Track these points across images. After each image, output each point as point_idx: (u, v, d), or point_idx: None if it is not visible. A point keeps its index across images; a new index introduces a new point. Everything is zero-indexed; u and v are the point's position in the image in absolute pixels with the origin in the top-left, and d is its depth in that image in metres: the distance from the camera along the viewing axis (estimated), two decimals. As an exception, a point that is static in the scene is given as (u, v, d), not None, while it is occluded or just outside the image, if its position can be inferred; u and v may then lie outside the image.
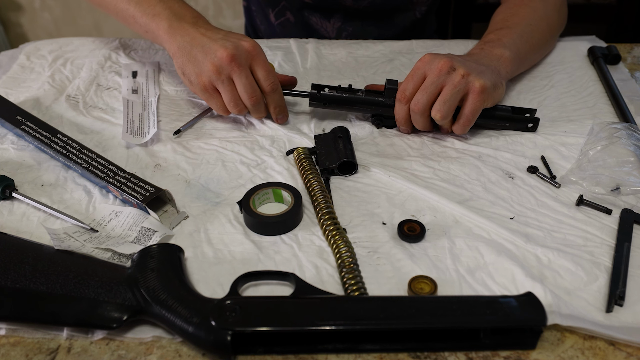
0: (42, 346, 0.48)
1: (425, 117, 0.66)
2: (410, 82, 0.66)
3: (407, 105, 0.67)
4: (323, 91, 0.70)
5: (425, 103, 0.65)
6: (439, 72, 0.64)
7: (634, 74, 0.83)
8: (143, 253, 0.51)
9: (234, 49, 0.65)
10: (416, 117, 0.67)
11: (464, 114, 0.65)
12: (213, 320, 0.45)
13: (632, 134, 0.66)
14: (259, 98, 0.68)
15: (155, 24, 0.71)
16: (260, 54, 0.67)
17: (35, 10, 1.96)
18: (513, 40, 0.75)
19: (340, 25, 0.97)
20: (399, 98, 0.67)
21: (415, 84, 0.66)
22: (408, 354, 0.47)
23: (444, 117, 0.64)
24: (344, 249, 0.53)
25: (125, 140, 0.70)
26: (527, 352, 0.46)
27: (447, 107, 0.64)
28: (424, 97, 0.65)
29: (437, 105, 0.64)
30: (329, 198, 0.60)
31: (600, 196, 0.60)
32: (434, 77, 0.64)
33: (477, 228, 0.57)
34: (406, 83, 0.67)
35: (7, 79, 0.84)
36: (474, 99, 0.64)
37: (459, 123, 0.66)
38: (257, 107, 0.69)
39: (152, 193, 0.59)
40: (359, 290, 0.50)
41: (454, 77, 0.63)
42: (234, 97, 0.67)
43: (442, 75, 0.64)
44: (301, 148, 0.66)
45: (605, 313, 0.49)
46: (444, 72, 0.64)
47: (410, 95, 0.66)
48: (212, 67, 0.65)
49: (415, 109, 0.65)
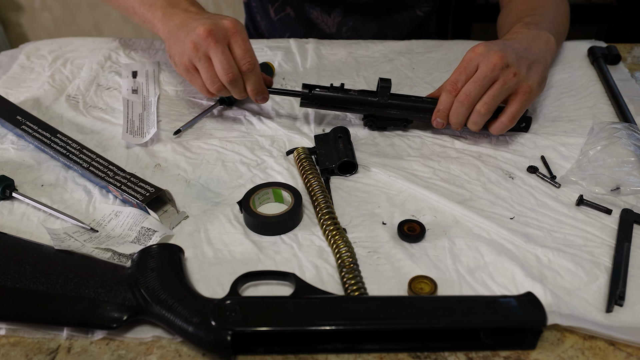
0: (42, 346, 0.48)
1: (468, 111, 0.64)
2: (462, 73, 0.64)
3: (455, 96, 0.65)
4: (314, 91, 0.69)
5: (475, 95, 0.63)
6: (493, 67, 0.62)
7: (634, 74, 0.83)
8: (143, 253, 0.51)
9: (211, 25, 0.64)
10: (461, 110, 0.64)
11: (509, 112, 0.64)
12: (213, 320, 0.45)
13: (632, 134, 0.66)
14: (235, 75, 0.65)
15: (150, 14, 0.72)
16: (239, 32, 0.65)
17: (35, 10, 1.96)
18: (550, 23, 0.74)
19: (340, 19, 0.97)
20: (449, 89, 0.65)
21: (468, 76, 0.64)
22: (408, 354, 0.47)
23: (489, 112, 0.64)
24: (344, 249, 0.53)
25: (125, 140, 0.70)
26: (527, 352, 0.46)
27: (495, 103, 0.63)
28: (475, 89, 0.63)
29: (485, 98, 0.63)
30: (329, 198, 0.60)
31: (600, 196, 0.60)
32: (488, 71, 0.63)
33: (477, 228, 0.57)
34: (458, 74, 0.65)
35: (7, 79, 0.84)
36: (521, 100, 0.64)
37: (501, 121, 0.65)
38: (234, 85, 0.66)
39: (152, 193, 0.59)
40: (359, 290, 0.50)
41: (507, 75, 0.63)
42: (211, 74, 0.66)
43: (496, 70, 0.63)
44: (301, 148, 0.66)
45: (605, 313, 0.49)
46: (498, 67, 0.62)
47: (462, 86, 0.64)
48: (190, 45, 0.65)
49: (465, 101, 0.63)
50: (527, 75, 0.64)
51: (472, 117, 0.65)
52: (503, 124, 0.65)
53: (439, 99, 0.66)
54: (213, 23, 0.65)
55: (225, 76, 0.65)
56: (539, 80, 0.65)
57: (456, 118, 0.65)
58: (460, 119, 0.65)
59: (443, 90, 0.66)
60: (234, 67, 0.65)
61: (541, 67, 0.67)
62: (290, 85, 0.81)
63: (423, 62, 0.87)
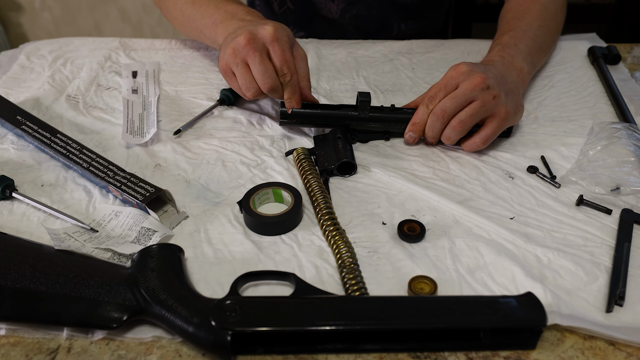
0: (42, 346, 0.48)
1: (443, 125, 0.65)
2: (442, 90, 0.65)
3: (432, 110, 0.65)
4: (293, 108, 0.68)
5: (452, 111, 0.64)
6: (474, 87, 0.63)
7: (634, 74, 0.83)
8: (143, 253, 0.51)
9: (251, 33, 0.65)
10: (436, 124, 0.65)
11: (483, 135, 0.65)
12: (213, 320, 0.45)
13: (632, 134, 0.66)
14: (272, 85, 0.65)
15: (214, 32, 0.74)
16: (277, 41, 0.65)
17: (35, 10, 1.96)
18: (528, 46, 0.74)
19: (344, 6, 0.97)
20: (427, 103, 0.65)
21: (447, 92, 0.65)
22: (408, 354, 0.47)
23: (463, 129, 0.64)
24: (344, 249, 0.53)
25: (125, 140, 0.70)
26: (527, 352, 0.46)
27: (471, 122, 0.64)
28: (452, 104, 0.63)
29: (462, 115, 0.63)
30: (329, 198, 0.60)
31: (600, 196, 0.60)
32: (467, 90, 0.63)
33: (477, 228, 0.57)
34: (437, 89, 0.65)
35: (7, 79, 0.84)
36: (497, 123, 0.64)
37: (474, 141, 0.65)
38: (272, 94, 0.67)
39: (152, 193, 0.59)
40: (359, 290, 0.50)
41: (486, 96, 0.63)
42: (246, 81, 0.66)
43: (476, 91, 0.63)
44: (300, 148, 0.66)
45: (605, 313, 0.49)
46: (479, 88, 0.63)
47: (439, 101, 0.65)
48: (230, 51, 0.66)
49: (440, 115, 0.64)
50: (506, 101, 0.65)
51: (445, 132, 0.65)
52: (475, 144, 0.65)
53: (416, 112, 0.67)
54: (254, 31, 0.65)
55: (263, 86, 0.66)
56: (515, 108, 0.66)
57: (431, 132, 0.66)
58: (434, 133, 0.66)
59: (421, 103, 0.67)
60: (272, 76, 0.65)
61: (517, 97, 0.68)
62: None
63: (423, 62, 0.87)
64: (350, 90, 0.81)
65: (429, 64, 0.86)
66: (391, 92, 0.80)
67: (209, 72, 0.85)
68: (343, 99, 0.79)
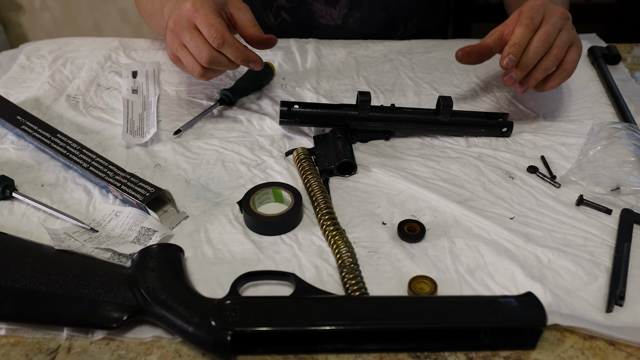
0: (42, 346, 0.48)
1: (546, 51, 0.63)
2: (537, 13, 0.63)
3: (533, 32, 0.63)
4: (293, 108, 0.68)
5: (554, 37, 0.63)
6: (560, 15, 0.64)
7: (634, 73, 0.83)
8: (143, 253, 0.51)
9: (177, 14, 0.64)
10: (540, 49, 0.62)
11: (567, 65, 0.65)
12: (213, 320, 0.45)
13: (632, 134, 0.66)
14: (208, 57, 0.63)
15: (162, 19, 0.72)
16: (197, 11, 0.63)
17: (35, 10, 1.96)
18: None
19: (347, 11, 0.95)
20: (527, 23, 0.62)
21: (540, 17, 0.64)
22: (408, 354, 0.47)
23: (560, 58, 0.64)
24: (344, 249, 0.53)
25: (125, 140, 0.70)
26: (527, 352, 0.46)
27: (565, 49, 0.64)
28: (554, 30, 0.63)
29: (558, 42, 0.63)
30: (329, 198, 0.60)
31: (600, 196, 0.60)
32: (558, 18, 0.64)
33: (477, 228, 0.57)
34: (533, 12, 0.63)
35: (7, 79, 0.84)
36: (578, 51, 0.66)
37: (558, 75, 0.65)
38: (214, 64, 0.64)
39: (152, 193, 0.59)
40: (359, 290, 0.50)
41: (569, 26, 0.65)
42: (189, 62, 0.65)
43: (562, 19, 0.64)
44: (300, 148, 0.66)
45: (605, 313, 0.49)
46: (564, 17, 0.65)
47: (538, 24, 0.63)
48: (168, 38, 0.66)
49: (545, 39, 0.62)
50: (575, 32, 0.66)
51: (544, 63, 0.63)
52: (566, 72, 0.66)
53: (514, 32, 0.63)
54: (178, 12, 0.64)
55: (201, 60, 0.64)
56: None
57: (534, 56, 0.62)
58: (535, 59, 0.63)
59: (518, 24, 0.63)
60: (204, 48, 0.63)
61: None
62: (290, 86, 0.81)
63: (423, 62, 0.87)
64: (350, 90, 0.81)
65: (429, 64, 0.86)
66: (391, 92, 0.80)
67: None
68: (343, 99, 0.79)
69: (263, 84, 0.81)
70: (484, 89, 0.80)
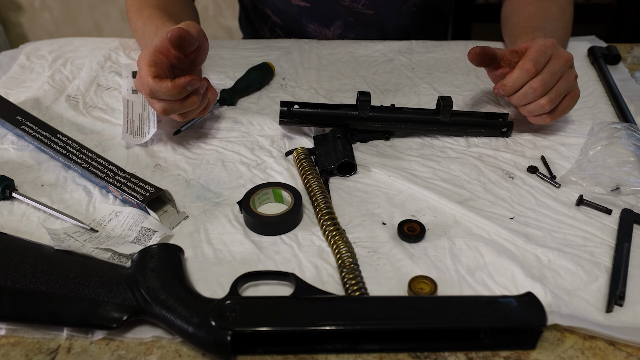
0: (42, 346, 0.48)
1: (537, 99, 0.64)
2: (542, 57, 0.63)
3: (531, 77, 0.63)
4: (293, 108, 0.67)
5: (549, 87, 0.63)
6: (564, 63, 0.64)
7: (634, 74, 0.83)
8: (143, 253, 0.51)
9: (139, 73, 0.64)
10: (531, 96, 0.63)
11: (560, 110, 0.66)
12: (213, 321, 0.45)
13: (632, 134, 0.66)
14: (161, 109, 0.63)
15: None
16: (140, 60, 0.64)
17: (35, 11, 1.96)
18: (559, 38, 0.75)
19: (341, 32, 0.95)
20: (528, 68, 0.63)
21: (545, 61, 0.64)
22: (408, 354, 0.47)
23: (551, 107, 0.64)
24: (344, 249, 0.53)
25: (125, 141, 0.70)
26: (527, 352, 0.46)
27: (558, 100, 0.65)
28: (552, 80, 0.63)
29: (552, 94, 0.63)
30: (329, 198, 0.60)
31: (600, 196, 0.60)
32: (561, 65, 0.64)
33: (477, 228, 0.57)
34: (538, 54, 0.63)
35: (7, 79, 0.84)
36: (573, 102, 0.66)
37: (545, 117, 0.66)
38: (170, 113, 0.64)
39: (152, 193, 0.59)
40: (359, 290, 0.50)
41: (570, 75, 0.65)
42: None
43: (566, 67, 0.64)
44: (300, 148, 0.66)
45: (605, 313, 0.49)
46: (568, 65, 0.64)
47: (540, 69, 0.63)
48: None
49: (539, 90, 0.63)
50: (576, 81, 0.66)
51: (531, 107, 0.65)
52: (554, 118, 0.66)
53: (512, 73, 0.64)
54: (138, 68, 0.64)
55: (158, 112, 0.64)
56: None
57: (522, 100, 0.65)
58: (523, 103, 0.65)
59: (520, 66, 0.64)
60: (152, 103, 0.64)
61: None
62: (290, 86, 0.81)
63: (423, 62, 0.87)
64: (350, 90, 0.81)
65: (429, 64, 0.86)
66: (391, 92, 0.80)
67: (209, 72, 0.85)
68: (343, 99, 0.79)
69: (263, 85, 0.81)
70: (484, 89, 0.80)
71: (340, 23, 0.94)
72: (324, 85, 0.82)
